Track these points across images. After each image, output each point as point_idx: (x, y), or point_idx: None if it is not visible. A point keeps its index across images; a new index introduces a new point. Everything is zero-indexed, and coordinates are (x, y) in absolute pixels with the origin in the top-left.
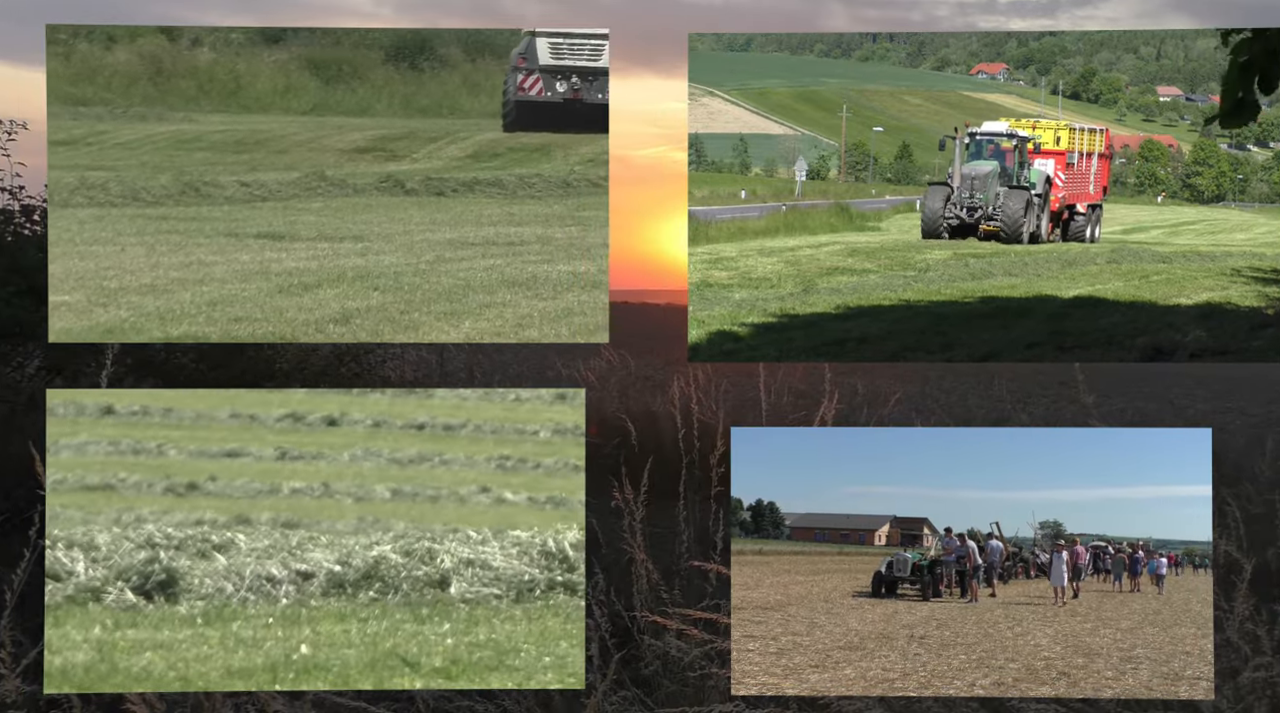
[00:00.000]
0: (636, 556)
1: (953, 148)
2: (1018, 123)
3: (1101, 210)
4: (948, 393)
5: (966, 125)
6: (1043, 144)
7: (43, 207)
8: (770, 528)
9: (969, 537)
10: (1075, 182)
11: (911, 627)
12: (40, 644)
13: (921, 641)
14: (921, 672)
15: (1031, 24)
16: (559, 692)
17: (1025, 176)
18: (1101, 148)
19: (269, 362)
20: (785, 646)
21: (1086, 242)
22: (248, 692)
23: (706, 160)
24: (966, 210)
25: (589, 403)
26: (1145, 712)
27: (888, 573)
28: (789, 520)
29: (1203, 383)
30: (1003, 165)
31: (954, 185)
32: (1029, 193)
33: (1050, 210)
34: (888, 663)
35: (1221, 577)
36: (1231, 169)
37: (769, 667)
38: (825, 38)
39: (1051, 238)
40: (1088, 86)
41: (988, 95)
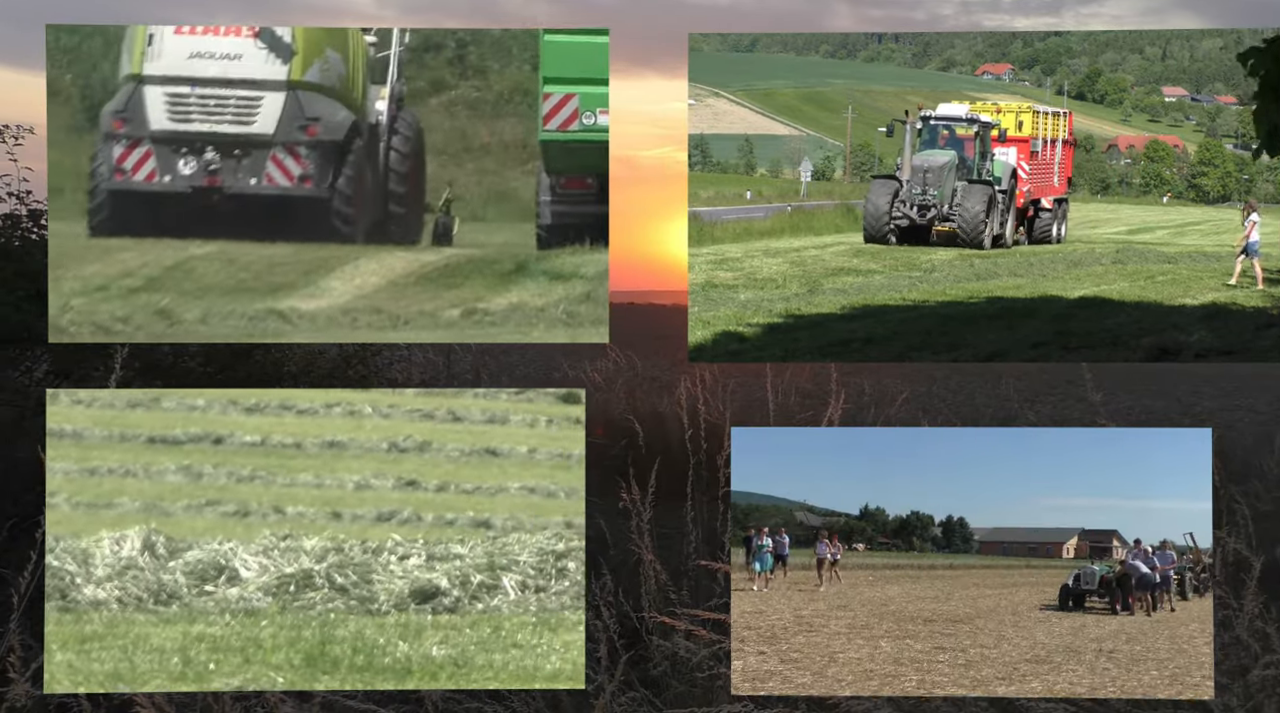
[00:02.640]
0: (644, 556)
1: (902, 135)
2: (979, 106)
3: (1067, 205)
4: (955, 392)
5: (920, 108)
6: (1006, 130)
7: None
8: (960, 542)
9: (1162, 548)
10: (1040, 173)
11: (1100, 640)
12: None
13: (1110, 655)
14: (1110, 686)
15: (1035, 22)
16: (567, 693)
17: (987, 169)
18: (1066, 133)
19: (277, 364)
20: (974, 658)
21: (1053, 241)
22: (256, 693)
23: (712, 161)
24: (917, 209)
25: (595, 404)
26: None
27: (1075, 586)
28: (978, 535)
29: (1210, 381)
30: (961, 156)
31: (903, 179)
32: (992, 188)
33: (1015, 207)
34: (1075, 677)
35: (1231, 575)
36: (1237, 169)
37: (958, 678)
38: (830, 39)
39: (1018, 239)
40: (1093, 87)
41: (993, 96)
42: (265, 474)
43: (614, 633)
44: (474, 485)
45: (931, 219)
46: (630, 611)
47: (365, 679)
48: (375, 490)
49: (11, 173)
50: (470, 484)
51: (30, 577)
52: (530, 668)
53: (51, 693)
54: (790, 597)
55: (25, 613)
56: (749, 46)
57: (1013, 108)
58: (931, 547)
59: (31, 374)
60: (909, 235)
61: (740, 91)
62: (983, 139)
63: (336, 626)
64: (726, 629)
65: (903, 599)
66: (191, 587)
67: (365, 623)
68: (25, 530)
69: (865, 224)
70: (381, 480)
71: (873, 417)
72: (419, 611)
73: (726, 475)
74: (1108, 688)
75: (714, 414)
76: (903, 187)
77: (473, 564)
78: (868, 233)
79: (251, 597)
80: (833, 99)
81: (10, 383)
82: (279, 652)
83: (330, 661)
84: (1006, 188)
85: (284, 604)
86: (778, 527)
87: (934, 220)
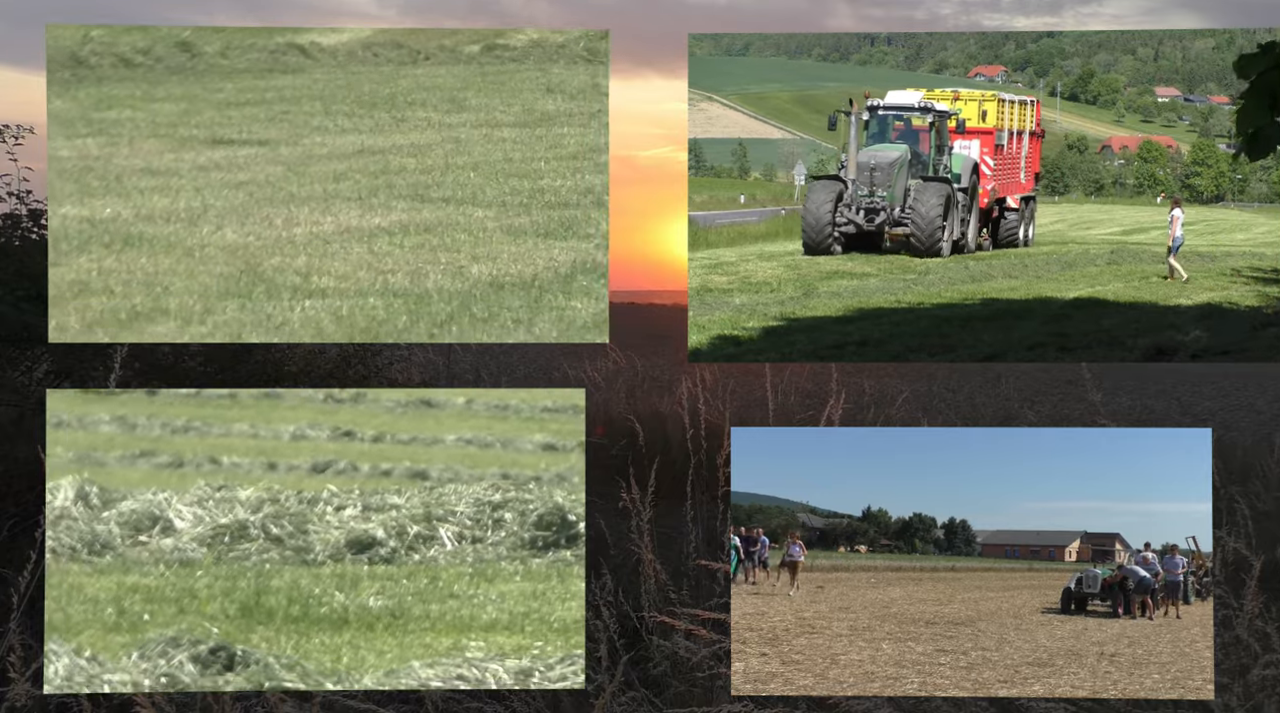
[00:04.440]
0: (644, 556)
1: (846, 128)
2: (934, 93)
3: (1035, 204)
4: (954, 392)
5: (866, 96)
6: (966, 120)
7: None
8: (962, 545)
9: (1171, 553)
10: (1005, 169)
11: (1101, 644)
12: None
13: (1112, 659)
14: (1112, 690)
15: (1035, 22)
16: (567, 692)
17: (945, 164)
18: (1033, 125)
19: (277, 364)
20: (975, 660)
21: (1020, 244)
22: (256, 692)
23: (705, 165)
24: (864, 213)
25: (595, 404)
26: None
27: (1077, 589)
28: (980, 538)
29: (1210, 381)
30: (915, 150)
31: (848, 178)
32: (949, 187)
33: (979, 207)
34: (1076, 680)
35: (1231, 574)
36: (1230, 169)
37: (959, 680)
38: (824, 41)
39: (982, 243)
40: (1086, 88)
41: None
42: (200, 425)
43: (614, 633)
44: (410, 436)
45: (881, 225)
46: (630, 610)
47: (301, 629)
48: (311, 441)
49: (11, 173)
50: (406, 435)
51: (30, 577)
52: (466, 618)
53: (51, 693)
54: (783, 598)
55: (25, 613)
56: (742, 50)
57: (975, 95)
58: (933, 549)
59: (31, 374)
60: (856, 243)
61: (733, 95)
62: (939, 131)
63: (272, 576)
64: (726, 629)
65: (904, 601)
66: (126, 537)
67: (301, 573)
68: (25, 530)
69: (804, 233)
70: (317, 431)
71: (873, 417)
72: (355, 561)
73: (726, 475)
74: (1109, 691)
75: (714, 414)
76: (848, 187)
77: (409, 515)
78: (807, 243)
79: (186, 547)
80: (826, 102)
81: (10, 383)
82: (214, 602)
83: (265, 611)
84: (967, 185)
85: (219, 555)
86: (753, 528)
87: (884, 226)
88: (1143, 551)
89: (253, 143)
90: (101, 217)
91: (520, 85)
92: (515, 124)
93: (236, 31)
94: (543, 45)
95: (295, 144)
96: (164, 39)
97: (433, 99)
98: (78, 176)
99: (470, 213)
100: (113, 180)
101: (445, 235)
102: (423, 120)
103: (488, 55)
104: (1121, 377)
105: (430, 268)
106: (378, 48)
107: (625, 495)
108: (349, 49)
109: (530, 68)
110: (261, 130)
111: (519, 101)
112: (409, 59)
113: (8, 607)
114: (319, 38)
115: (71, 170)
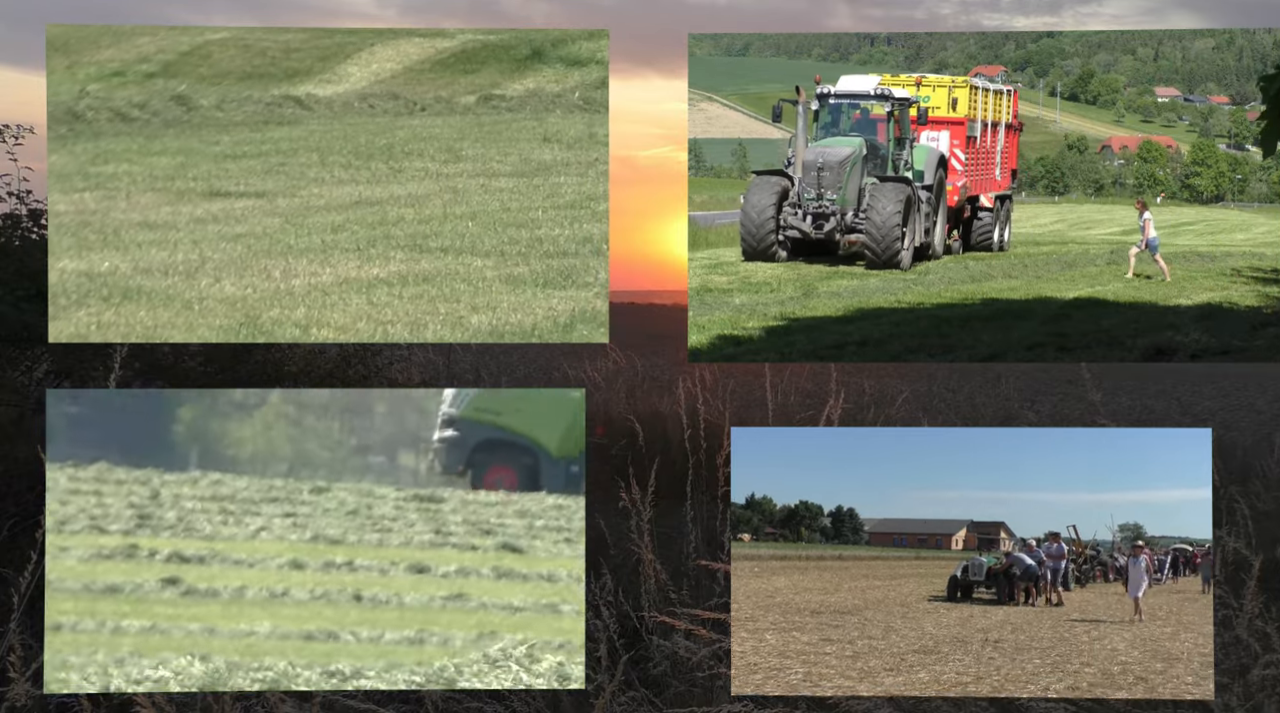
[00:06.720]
0: (644, 556)
1: (794, 117)
2: (895, 79)
3: (1011, 204)
4: (954, 392)
5: (817, 81)
6: (932, 109)
7: None
8: (849, 534)
9: (1048, 540)
10: (978, 164)
11: (986, 631)
12: None
13: (996, 645)
14: (995, 676)
15: (1035, 22)
16: (567, 692)
17: (905, 159)
18: (1010, 116)
19: (277, 364)
20: (861, 649)
21: (995, 248)
22: (256, 693)
23: (705, 165)
24: (812, 219)
25: (595, 404)
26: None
27: (963, 577)
28: (868, 526)
29: (1209, 381)
30: (872, 143)
31: (794, 177)
32: (909, 187)
33: (948, 207)
34: (961, 667)
35: (1231, 574)
36: (1230, 169)
37: (845, 669)
38: (823, 41)
39: (951, 246)
40: (1086, 88)
41: None
42: None
43: (614, 633)
44: None
45: (831, 232)
46: (630, 610)
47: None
48: None
49: (11, 173)
50: None
51: (30, 577)
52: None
53: (51, 693)
54: None
55: (25, 613)
56: (742, 50)
57: (944, 82)
58: (820, 538)
59: (31, 374)
60: (801, 250)
61: (733, 95)
62: (899, 121)
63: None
64: (726, 629)
65: (789, 591)
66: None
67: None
68: (25, 530)
69: (743, 237)
70: None
71: (872, 417)
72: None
73: (726, 475)
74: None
75: (714, 414)
76: (793, 186)
77: None
78: (746, 248)
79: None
80: None
81: (10, 383)
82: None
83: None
84: (932, 182)
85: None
86: None
87: (835, 232)
88: (1027, 539)
89: (250, 195)
90: (99, 270)
91: (517, 135)
92: (512, 174)
93: (233, 84)
94: (539, 95)
95: (292, 195)
96: (160, 93)
97: (429, 149)
98: (75, 231)
99: (469, 262)
100: (110, 234)
101: (444, 285)
102: (420, 170)
103: (484, 105)
104: (1121, 377)
105: (429, 318)
106: (374, 99)
107: (625, 495)
108: (345, 100)
109: (526, 117)
110: (258, 182)
111: (516, 151)
112: (405, 110)
113: (8, 607)
114: (315, 89)
115: (69, 224)
